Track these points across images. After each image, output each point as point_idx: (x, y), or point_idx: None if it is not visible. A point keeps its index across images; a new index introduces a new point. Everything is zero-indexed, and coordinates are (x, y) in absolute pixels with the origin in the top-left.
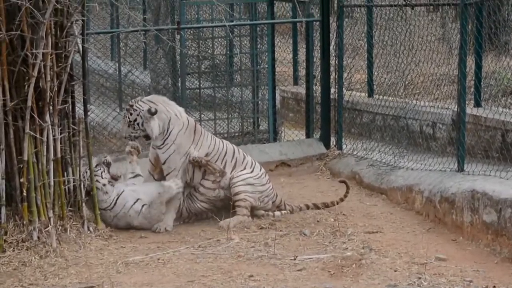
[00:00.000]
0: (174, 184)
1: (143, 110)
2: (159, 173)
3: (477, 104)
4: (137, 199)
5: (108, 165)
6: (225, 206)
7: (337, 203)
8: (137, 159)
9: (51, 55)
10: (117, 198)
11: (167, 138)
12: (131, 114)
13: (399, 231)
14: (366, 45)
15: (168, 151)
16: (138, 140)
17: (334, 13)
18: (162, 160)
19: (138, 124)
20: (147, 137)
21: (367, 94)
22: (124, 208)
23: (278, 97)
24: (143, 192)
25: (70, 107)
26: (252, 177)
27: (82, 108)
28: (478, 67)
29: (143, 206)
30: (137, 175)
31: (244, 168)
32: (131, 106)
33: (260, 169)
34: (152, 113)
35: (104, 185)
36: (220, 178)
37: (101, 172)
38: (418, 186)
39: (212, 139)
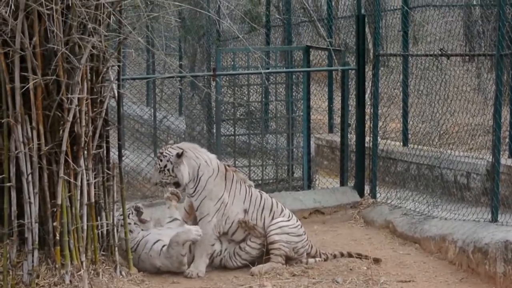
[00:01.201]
0: (194, 229)
1: (172, 156)
2: (193, 220)
3: None
4: (158, 240)
5: (137, 209)
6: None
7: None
8: (176, 204)
9: (86, 100)
10: (141, 240)
11: (197, 184)
12: (161, 160)
13: (432, 280)
14: (401, 94)
15: (200, 198)
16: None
17: (370, 62)
18: (195, 207)
19: (168, 170)
20: (177, 184)
21: (401, 143)
22: (145, 248)
23: (312, 145)
24: (165, 234)
25: (105, 152)
26: (288, 226)
27: (117, 153)
28: None
29: (163, 246)
30: (174, 219)
31: (282, 217)
32: (161, 153)
33: (297, 221)
34: (178, 156)
35: (129, 223)
36: (264, 240)
37: (129, 214)
38: (452, 236)
39: (248, 193)
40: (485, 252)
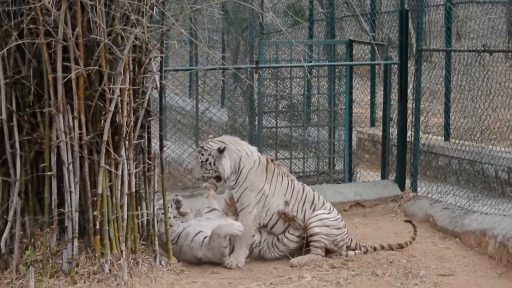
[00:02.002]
0: (236, 224)
1: (213, 150)
2: (233, 212)
3: None
4: (199, 231)
5: (177, 202)
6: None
7: (410, 243)
8: (214, 194)
9: (128, 90)
10: (181, 232)
11: (238, 176)
12: (202, 154)
13: (471, 274)
14: (443, 89)
15: (241, 189)
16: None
17: (413, 57)
18: (235, 199)
19: (210, 163)
20: (218, 178)
21: (443, 138)
22: (186, 240)
23: (354, 138)
24: (206, 226)
25: (146, 142)
26: (329, 218)
27: (158, 143)
28: None
29: (204, 238)
30: (213, 209)
31: (323, 209)
32: (202, 147)
33: (337, 214)
34: (220, 151)
35: (169, 218)
36: (303, 232)
37: (168, 207)
38: (492, 231)
39: (290, 185)
40: None
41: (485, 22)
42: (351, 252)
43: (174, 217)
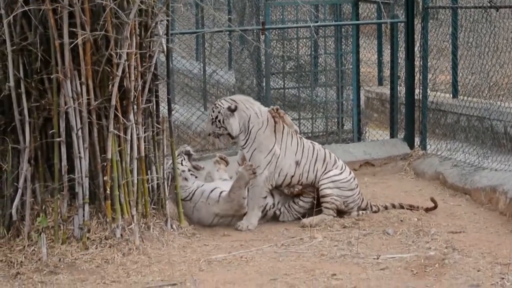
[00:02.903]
0: (244, 170)
1: (223, 108)
2: None
3: None
4: (215, 188)
5: (188, 154)
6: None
7: (423, 208)
8: (224, 168)
9: (135, 54)
10: (196, 189)
11: (248, 137)
12: (213, 111)
13: (482, 231)
14: (450, 46)
15: (250, 150)
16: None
17: (419, 15)
18: (247, 159)
19: (219, 121)
20: (230, 136)
21: (451, 95)
22: (202, 197)
23: (362, 98)
24: (221, 184)
25: (154, 106)
26: (341, 180)
27: (166, 107)
28: None
29: (221, 192)
30: (224, 180)
31: (335, 170)
32: (215, 104)
33: (350, 173)
34: (231, 110)
35: (183, 171)
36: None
37: (181, 160)
38: (502, 187)
39: (300, 145)
40: None
41: None
42: (362, 212)
43: (189, 170)
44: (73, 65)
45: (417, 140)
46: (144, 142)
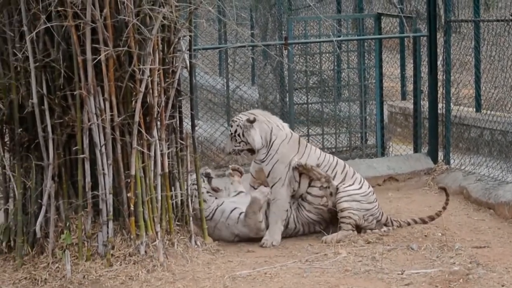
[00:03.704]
0: (258, 194)
1: (242, 121)
2: (259, 185)
3: None
4: (235, 208)
5: (208, 176)
6: (333, 218)
7: (441, 213)
8: (239, 180)
9: (158, 70)
10: (216, 209)
11: (270, 148)
12: (231, 126)
13: (507, 246)
14: (473, 60)
15: (272, 162)
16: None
17: (441, 28)
18: (266, 173)
19: (238, 135)
20: (251, 151)
21: (474, 109)
22: (222, 217)
23: (386, 112)
24: (240, 202)
25: (178, 122)
26: (359, 194)
27: (190, 123)
28: None
29: (240, 214)
30: (239, 192)
31: (353, 184)
32: (233, 119)
33: (368, 187)
34: (250, 121)
35: (202, 193)
36: (326, 184)
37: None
38: None
39: (322, 153)
40: None
41: None
42: (384, 228)
43: (207, 192)
44: (96, 81)
45: (440, 155)
46: (168, 158)
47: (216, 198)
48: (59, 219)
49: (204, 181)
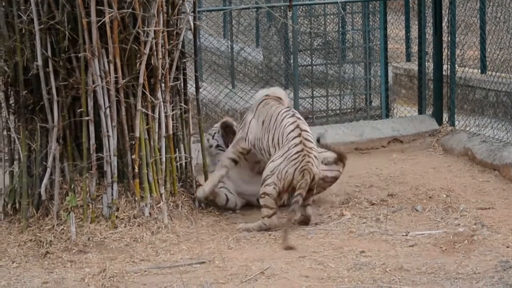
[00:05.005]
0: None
1: None
2: None
3: None
4: None
5: (225, 127)
6: None
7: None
8: None
9: (162, 32)
10: None
11: None
12: None
13: (511, 207)
14: (478, 21)
15: None
16: None
17: None
18: None
19: None
20: None
21: (479, 71)
22: None
23: (390, 74)
24: None
25: (182, 84)
26: None
27: (194, 85)
28: None
29: None
30: None
31: None
32: None
33: None
34: None
35: (210, 146)
36: None
37: (214, 133)
38: None
39: None
40: None
41: None
42: None
43: (217, 146)
44: (100, 44)
45: (445, 116)
46: (172, 120)
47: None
48: (63, 181)
49: (218, 132)
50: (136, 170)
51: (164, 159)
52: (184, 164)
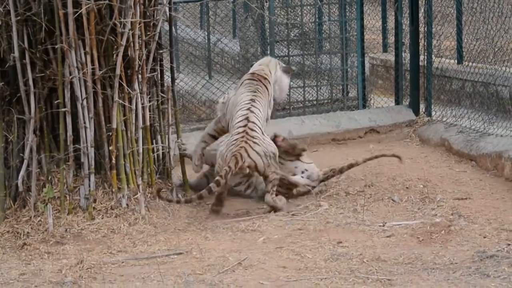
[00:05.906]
0: None
1: None
2: None
3: None
4: None
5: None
6: None
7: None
8: None
9: (139, 24)
10: None
11: None
12: None
13: (488, 197)
14: (455, 12)
15: None
16: None
17: None
18: None
19: None
20: None
21: (456, 61)
22: None
23: (367, 64)
24: None
25: (159, 75)
26: None
27: (170, 76)
28: None
29: None
30: None
31: None
32: None
33: None
34: None
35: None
36: None
37: None
38: (508, 153)
39: None
40: None
41: None
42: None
43: None
44: (77, 35)
45: (422, 107)
46: (149, 111)
47: None
48: (41, 173)
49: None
50: (113, 161)
51: (141, 150)
52: (161, 155)
